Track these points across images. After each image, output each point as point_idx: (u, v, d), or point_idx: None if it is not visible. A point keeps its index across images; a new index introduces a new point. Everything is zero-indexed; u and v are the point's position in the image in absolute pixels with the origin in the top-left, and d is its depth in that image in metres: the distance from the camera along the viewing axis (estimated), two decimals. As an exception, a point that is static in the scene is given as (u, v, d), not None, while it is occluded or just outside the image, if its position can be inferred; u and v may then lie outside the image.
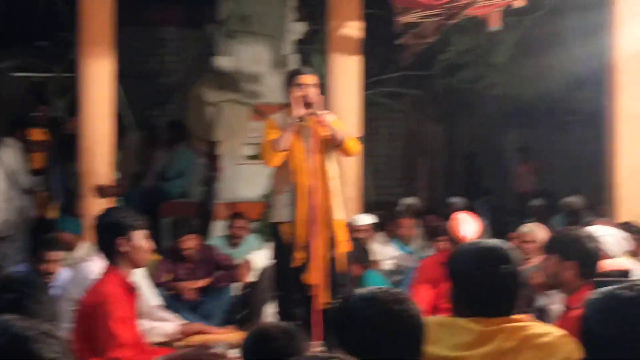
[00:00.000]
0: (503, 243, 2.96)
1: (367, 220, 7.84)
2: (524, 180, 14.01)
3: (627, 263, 5.31)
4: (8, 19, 11.10)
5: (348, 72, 7.78)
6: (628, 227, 6.83)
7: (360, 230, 7.66)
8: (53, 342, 1.91)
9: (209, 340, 4.44)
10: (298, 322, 5.33)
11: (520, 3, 6.40)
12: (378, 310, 2.33)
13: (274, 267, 5.72)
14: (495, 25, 6.89)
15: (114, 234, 3.97)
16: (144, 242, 4.04)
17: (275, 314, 5.90)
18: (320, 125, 5.42)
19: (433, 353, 2.76)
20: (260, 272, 7.08)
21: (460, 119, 14.58)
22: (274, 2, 9.67)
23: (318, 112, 5.42)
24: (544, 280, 5.01)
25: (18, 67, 12.23)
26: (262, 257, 7.14)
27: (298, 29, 9.95)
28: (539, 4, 9.34)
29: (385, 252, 8.13)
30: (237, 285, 7.26)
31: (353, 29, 7.63)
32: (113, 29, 7.53)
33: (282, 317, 5.58)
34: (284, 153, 5.43)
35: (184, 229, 6.85)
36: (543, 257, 4.22)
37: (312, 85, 5.49)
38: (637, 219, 7.26)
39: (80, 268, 5.57)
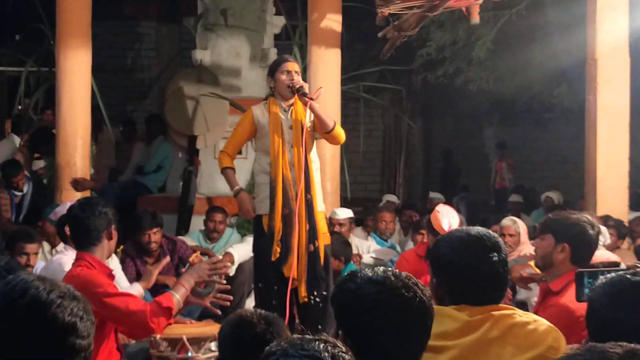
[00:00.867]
0: (488, 231, 2.90)
1: (346, 214, 7.84)
2: (501, 176, 14.07)
3: (614, 256, 5.34)
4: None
5: (327, 65, 7.76)
6: (605, 220, 6.88)
7: (340, 224, 7.66)
8: (72, 304, 1.91)
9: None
10: (276, 313, 5.31)
11: (501, -3, 6.40)
12: (392, 295, 2.24)
13: (255, 258, 5.68)
14: (475, 19, 6.86)
15: (108, 221, 4.00)
16: (115, 232, 4.12)
17: (254, 306, 5.86)
18: (311, 109, 5.37)
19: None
20: (239, 265, 7.05)
21: (439, 115, 14.63)
22: (253, -5, 9.62)
23: (315, 96, 5.37)
24: (526, 275, 5.02)
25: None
26: (241, 250, 7.10)
27: (277, 23, 9.91)
28: (518, -1, 9.37)
29: (364, 246, 8.13)
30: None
31: (333, 23, 7.61)
32: (90, 22, 7.47)
33: (261, 308, 5.53)
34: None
35: (148, 222, 6.74)
36: (536, 239, 4.11)
37: (298, 72, 5.48)
38: (616, 214, 7.31)
39: (53, 260, 5.54)
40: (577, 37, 8.01)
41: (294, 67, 5.49)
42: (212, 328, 5.37)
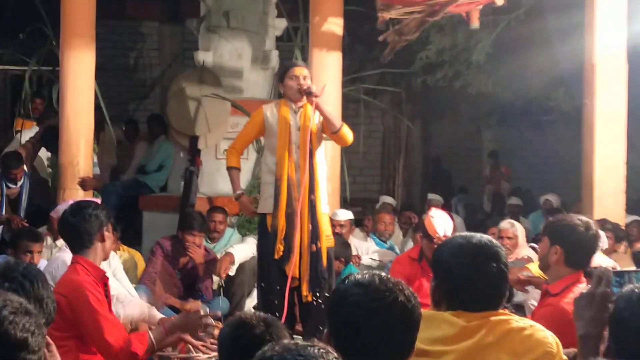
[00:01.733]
0: (490, 239, 2.94)
1: (346, 216, 7.89)
2: (496, 184, 13.99)
3: (610, 261, 5.41)
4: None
5: (329, 68, 7.82)
6: (603, 224, 6.95)
7: (340, 226, 7.72)
8: (24, 319, 1.91)
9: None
10: (278, 312, 5.39)
11: (501, 2, 6.46)
12: (373, 299, 2.31)
13: (258, 257, 5.75)
14: (475, 24, 6.94)
15: (98, 225, 4.03)
16: (112, 234, 4.18)
17: (257, 304, 5.94)
18: (318, 109, 5.44)
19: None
20: (240, 266, 7.11)
21: (438, 117, 14.69)
22: (255, -2, 9.68)
23: (319, 92, 5.44)
24: (523, 277, 5.10)
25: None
26: (242, 251, 7.16)
27: (279, 25, 9.98)
28: (517, 4, 9.43)
29: (364, 247, 8.19)
30: (216, 279, 7.29)
31: (334, 26, 7.67)
32: (94, 23, 7.52)
33: (263, 307, 5.62)
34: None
35: (199, 225, 6.83)
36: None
37: (306, 77, 5.56)
38: (612, 217, 7.38)
39: (56, 257, 5.59)
40: (575, 42, 8.08)
41: (302, 72, 5.57)
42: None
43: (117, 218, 7.46)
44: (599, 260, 5.25)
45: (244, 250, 7.13)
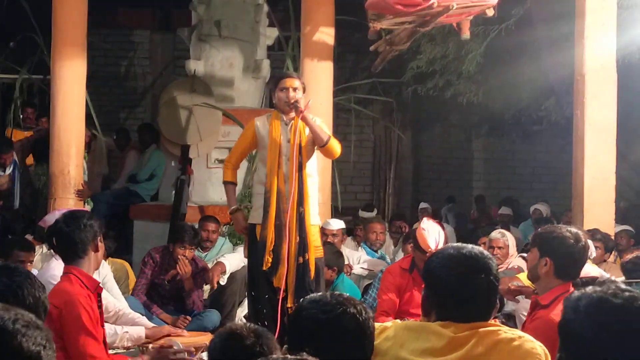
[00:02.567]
0: (482, 251, 2.95)
1: (338, 225, 7.90)
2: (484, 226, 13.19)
3: (597, 270, 5.42)
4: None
5: (320, 77, 7.83)
6: (593, 234, 6.97)
7: (333, 235, 7.72)
8: (36, 333, 1.90)
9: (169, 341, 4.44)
10: (267, 321, 5.39)
11: (491, 12, 6.47)
12: (322, 311, 2.46)
13: (248, 266, 5.75)
14: (466, 34, 6.95)
15: (93, 235, 4.02)
16: (103, 244, 4.17)
17: (247, 313, 5.93)
18: (305, 122, 5.45)
19: (399, 356, 2.81)
20: (230, 275, 7.10)
21: (429, 126, 14.72)
22: (247, 7, 9.70)
23: (303, 107, 5.44)
24: (514, 287, 5.11)
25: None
26: (233, 260, 7.16)
27: (270, 34, 10.00)
28: (508, 14, 9.47)
29: (355, 256, 8.19)
30: (206, 288, 7.28)
31: (326, 35, 7.69)
32: (85, 32, 7.52)
33: (252, 315, 5.62)
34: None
35: (190, 238, 6.82)
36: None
37: (297, 89, 5.55)
38: (602, 227, 7.39)
39: (51, 267, 5.57)
40: (565, 52, 8.10)
41: (293, 83, 5.55)
42: (204, 338, 5.46)
43: (108, 227, 7.47)
44: (587, 270, 5.26)
45: (235, 260, 7.12)
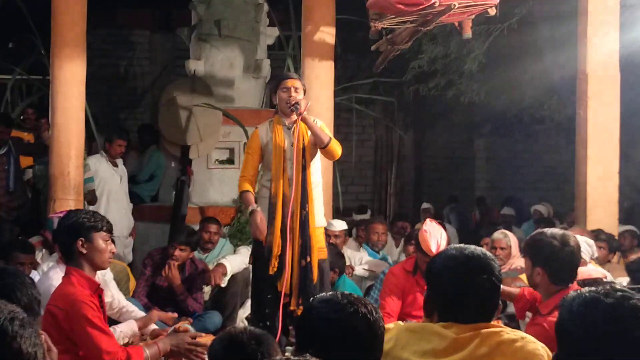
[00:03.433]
0: (484, 252, 2.94)
1: (341, 226, 7.86)
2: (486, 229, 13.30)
3: (600, 271, 5.38)
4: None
5: (321, 77, 7.79)
6: (597, 234, 6.93)
7: (335, 236, 7.68)
8: (30, 332, 1.87)
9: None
10: (269, 321, 5.39)
11: (493, 12, 6.42)
12: (334, 310, 2.42)
13: (252, 268, 5.73)
14: (468, 33, 6.90)
15: (74, 236, 3.98)
16: (105, 244, 4.05)
17: (251, 315, 5.91)
18: (305, 123, 5.42)
19: (401, 358, 2.80)
20: (232, 277, 7.06)
21: (431, 126, 14.68)
22: (247, 7, 9.66)
23: (303, 108, 5.41)
24: (516, 288, 5.06)
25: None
26: (234, 261, 7.12)
27: (271, 34, 9.96)
28: (510, 14, 9.42)
29: (357, 257, 8.15)
30: (207, 290, 7.24)
31: (326, 35, 7.64)
32: (85, 33, 7.47)
33: (255, 316, 5.62)
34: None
35: (181, 238, 6.77)
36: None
37: (298, 89, 5.52)
38: (606, 227, 7.35)
39: (49, 275, 5.53)
40: (567, 52, 8.08)
41: (294, 83, 5.53)
42: (206, 339, 5.40)
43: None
44: (591, 270, 5.22)
45: (237, 261, 7.09)
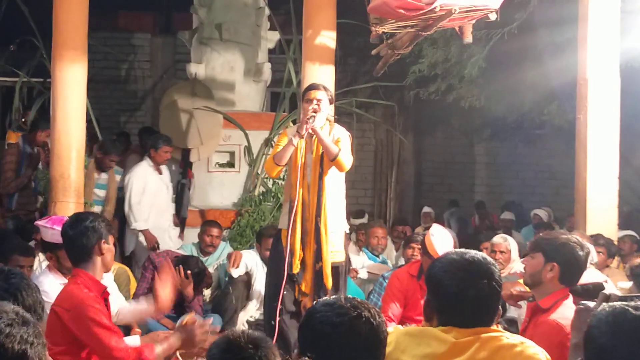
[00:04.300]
0: (484, 256, 2.95)
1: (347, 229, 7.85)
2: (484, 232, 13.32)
3: (600, 276, 5.38)
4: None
5: (321, 81, 7.77)
6: (596, 239, 6.93)
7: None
8: (22, 330, 1.84)
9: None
10: (273, 323, 5.51)
11: (493, 17, 6.44)
12: (336, 314, 2.42)
13: (268, 268, 5.77)
14: (468, 38, 6.91)
15: (98, 237, 4.00)
16: (112, 245, 4.11)
17: (264, 309, 5.96)
18: (315, 134, 5.54)
19: (400, 362, 2.79)
20: (233, 282, 7.08)
21: (431, 130, 14.70)
22: (248, 10, 9.68)
23: (310, 124, 5.48)
24: (516, 292, 5.07)
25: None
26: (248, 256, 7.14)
27: (271, 38, 9.97)
28: (510, 19, 9.44)
29: (358, 261, 8.16)
30: (207, 292, 7.25)
31: (327, 39, 7.64)
32: (86, 35, 7.48)
33: (267, 318, 5.71)
34: (282, 167, 5.68)
35: (190, 266, 6.75)
36: (526, 257, 4.19)
37: (321, 100, 5.64)
38: (605, 232, 7.36)
39: (36, 276, 5.55)
40: (567, 57, 8.08)
41: (316, 94, 5.67)
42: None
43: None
44: (591, 275, 5.23)
45: (245, 260, 7.14)
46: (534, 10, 9.62)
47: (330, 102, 5.78)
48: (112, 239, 4.10)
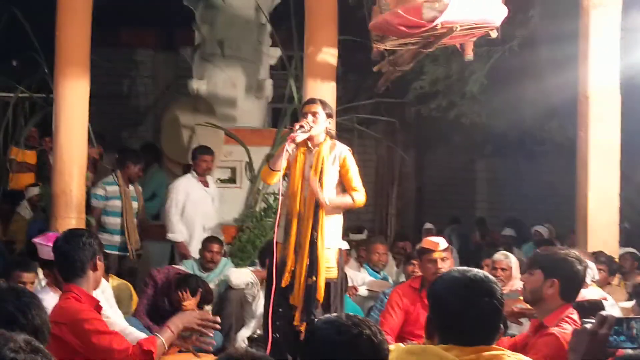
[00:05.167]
0: (487, 275, 2.94)
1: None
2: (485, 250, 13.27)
3: (601, 292, 5.38)
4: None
5: (323, 97, 7.78)
6: (597, 256, 6.93)
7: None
8: (30, 357, 1.83)
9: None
10: (278, 333, 5.50)
11: (495, 34, 6.46)
12: (338, 332, 2.40)
13: (266, 281, 5.78)
14: (469, 55, 6.94)
15: (93, 252, 4.00)
16: (102, 263, 4.13)
17: (262, 325, 5.95)
18: (310, 186, 5.54)
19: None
20: (226, 297, 7.08)
21: (432, 146, 14.71)
22: (250, 27, 9.71)
23: (295, 133, 5.47)
24: (517, 310, 5.06)
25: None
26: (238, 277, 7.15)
27: (273, 54, 10.00)
28: (511, 36, 9.47)
29: (359, 277, 8.14)
30: (208, 308, 7.24)
31: (329, 55, 7.67)
32: (89, 52, 7.50)
33: (265, 328, 5.68)
34: (277, 173, 5.63)
35: (190, 286, 6.74)
36: (524, 275, 4.18)
37: (316, 113, 5.61)
38: (606, 249, 7.35)
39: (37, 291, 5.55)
40: (568, 74, 8.11)
41: (311, 108, 5.65)
42: (206, 359, 5.41)
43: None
44: (591, 293, 5.23)
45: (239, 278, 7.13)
46: (535, 27, 9.65)
47: (329, 116, 5.73)
48: (101, 256, 4.09)
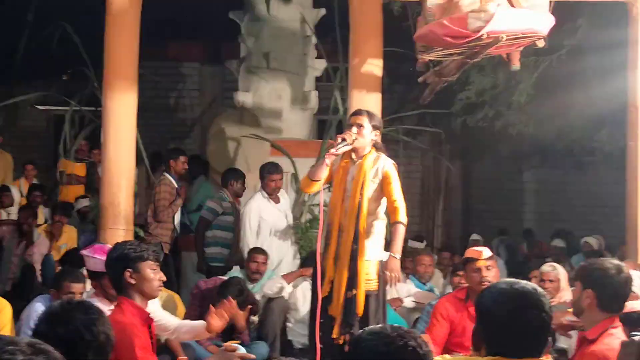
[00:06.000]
0: (535, 287, 2.93)
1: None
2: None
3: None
4: (28, 54, 11.25)
5: (368, 109, 7.79)
6: (649, 268, 6.81)
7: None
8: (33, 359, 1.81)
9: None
10: (320, 343, 5.47)
11: (542, 43, 6.40)
12: (383, 344, 2.38)
13: (311, 290, 5.79)
14: (516, 65, 6.88)
15: (122, 267, 4.03)
16: (153, 273, 4.08)
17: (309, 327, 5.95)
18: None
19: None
20: (269, 306, 7.10)
21: (478, 157, 14.61)
22: (295, 39, 9.75)
23: (337, 147, 5.47)
24: (566, 322, 5.00)
25: (38, 100, 12.39)
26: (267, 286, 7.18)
27: (318, 66, 10.02)
28: (559, 45, 9.37)
29: (404, 289, 8.10)
30: (255, 318, 7.28)
31: (374, 67, 7.67)
32: (137, 65, 7.60)
33: (312, 341, 5.65)
34: (316, 183, 5.59)
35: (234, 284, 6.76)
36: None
37: (362, 125, 5.59)
38: (657, 261, 7.23)
39: (28, 307, 5.61)
40: (617, 82, 8.00)
41: (357, 120, 5.62)
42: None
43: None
44: (638, 304, 5.13)
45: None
46: (583, 36, 9.55)
47: (376, 129, 5.68)
48: (152, 266, 4.07)
